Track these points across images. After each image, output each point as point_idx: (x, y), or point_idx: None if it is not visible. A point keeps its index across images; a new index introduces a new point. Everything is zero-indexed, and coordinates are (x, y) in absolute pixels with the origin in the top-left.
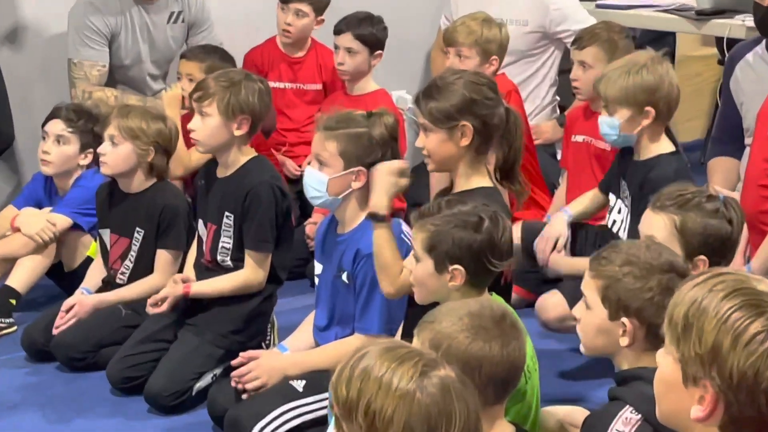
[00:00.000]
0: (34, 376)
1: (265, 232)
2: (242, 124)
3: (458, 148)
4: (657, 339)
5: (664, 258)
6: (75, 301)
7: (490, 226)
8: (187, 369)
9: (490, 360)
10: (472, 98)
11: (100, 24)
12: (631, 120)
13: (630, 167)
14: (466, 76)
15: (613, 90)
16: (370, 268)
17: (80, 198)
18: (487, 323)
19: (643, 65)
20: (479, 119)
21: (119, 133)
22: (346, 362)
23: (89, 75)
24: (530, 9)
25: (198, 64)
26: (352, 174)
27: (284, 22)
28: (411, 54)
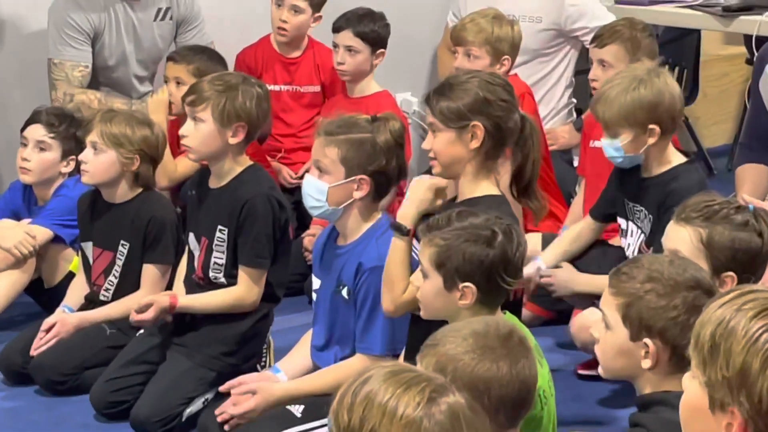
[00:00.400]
0: (12, 400)
1: (262, 247)
2: (238, 132)
3: (467, 150)
4: (682, 361)
5: (690, 274)
6: (56, 320)
7: (503, 241)
8: (176, 393)
9: (499, 381)
10: (486, 98)
11: (82, 21)
12: (636, 140)
13: (639, 186)
14: (481, 76)
15: (611, 112)
16: (373, 284)
17: (61, 208)
18: (493, 342)
19: (640, 81)
20: (492, 121)
21: (102, 139)
22: (348, 387)
23: (71, 76)
24: (544, 5)
25: (185, 66)
26: (354, 182)
27: (279, 19)
28: (416, 53)
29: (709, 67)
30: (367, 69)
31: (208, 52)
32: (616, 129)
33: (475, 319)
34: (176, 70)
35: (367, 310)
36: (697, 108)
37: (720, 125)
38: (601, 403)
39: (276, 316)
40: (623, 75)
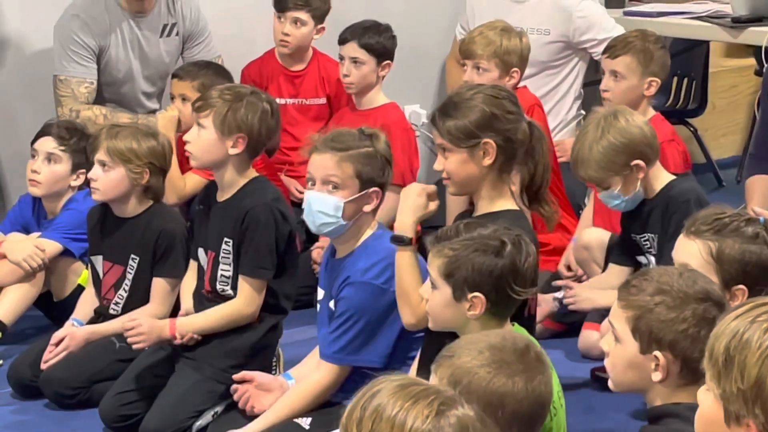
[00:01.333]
0: (22, 414)
1: (263, 257)
2: (238, 143)
3: (481, 167)
4: (692, 374)
5: (699, 286)
6: (65, 334)
7: (512, 251)
8: (185, 406)
9: (514, 396)
10: (493, 113)
11: (87, 38)
12: (627, 182)
13: (636, 217)
14: (485, 90)
15: (591, 170)
16: (355, 299)
17: (71, 222)
18: (510, 357)
19: (602, 130)
20: (502, 135)
21: (109, 156)
22: (357, 400)
23: (77, 92)
24: (552, 17)
25: (190, 82)
26: (367, 195)
27: (281, 32)
28: (424, 66)
29: (717, 79)
30: (373, 81)
31: (214, 66)
32: (606, 182)
33: (492, 332)
34: (181, 87)
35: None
36: (705, 120)
37: (729, 137)
38: (611, 415)
39: (285, 328)
40: (585, 132)
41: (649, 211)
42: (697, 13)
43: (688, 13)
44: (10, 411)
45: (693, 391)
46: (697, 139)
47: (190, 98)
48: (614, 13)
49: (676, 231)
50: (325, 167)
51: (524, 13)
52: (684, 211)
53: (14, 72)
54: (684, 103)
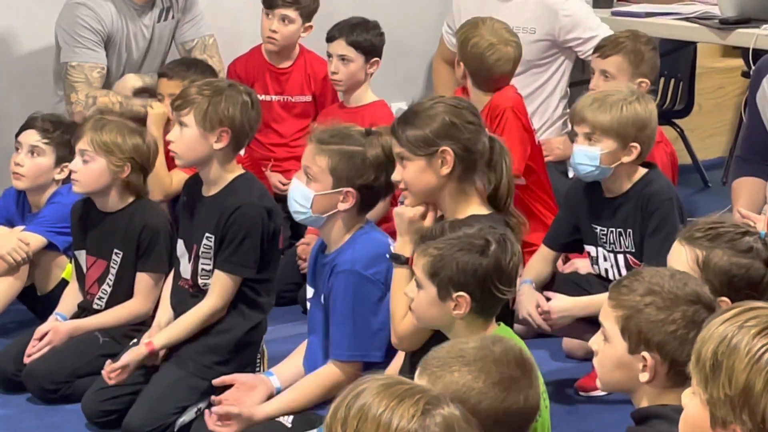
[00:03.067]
0: (4, 408)
1: (244, 255)
2: (222, 137)
3: (438, 177)
4: (680, 376)
5: (690, 288)
6: (48, 328)
7: (497, 250)
8: (168, 402)
9: (523, 411)
10: (452, 122)
11: (95, 24)
12: (614, 154)
13: (606, 208)
14: (446, 101)
15: (604, 118)
16: (342, 287)
17: (55, 215)
18: (515, 371)
19: (635, 99)
20: (461, 144)
21: (92, 147)
22: (341, 400)
23: (90, 78)
24: (538, 16)
25: (180, 82)
26: (340, 194)
27: (269, 29)
28: (411, 64)
29: (704, 80)
30: (362, 78)
31: (201, 65)
32: (601, 137)
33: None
34: (170, 87)
35: (336, 313)
36: (692, 120)
37: (715, 138)
38: (595, 415)
39: (270, 325)
40: (616, 89)
41: (619, 204)
42: (685, 14)
43: (676, 14)
44: None
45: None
46: (684, 139)
47: None
48: (602, 13)
49: (656, 229)
50: (306, 157)
51: (510, 11)
52: (666, 210)
53: (1, 65)
54: (671, 104)
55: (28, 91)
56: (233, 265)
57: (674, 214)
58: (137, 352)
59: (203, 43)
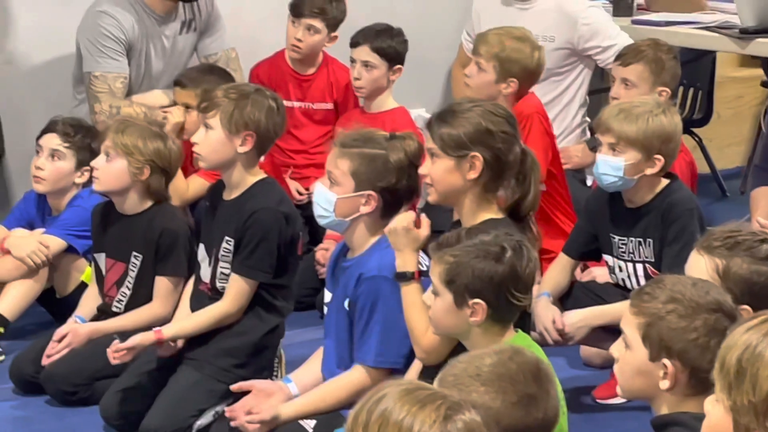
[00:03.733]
0: (23, 409)
1: (261, 260)
2: (246, 141)
3: (464, 180)
4: (700, 384)
5: (712, 296)
6: (68, 330)
7: (512, 257)
8: (186, 405)
9: (543, 422)
10: (488, 128)
11: (118, 33)
12: (638, 165)
13: (629, 218)
14: (485, 105)
15: (631, 129)
16: (371, 294)
17: (75, 219)
18: (533, 387)
19: (662, 111)
20: (492, 152)
21: (113, 147)
22: (362, 405)
23: (113, 88)
24: (557, 24)
25: (193, 91)
26: (362, 197)
27: (294, 37)
28: (431, 71)
29: (723, 89)
30: (384, 85)
31: (217, 72)
32: (626, 148)
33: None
34: (184, 96)
35: (364, 320)
36: (710, 129)
37: (733, 147)
38: (614, 424)
39: (287, 329)
40: (643, 100)
41: (641, 215)
42: (705, 23)
43: (696, 22)
44: (11, 406)
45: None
46: (702, 149)
47: (193, 107)
48: (622, 22)
49: (675, 238)
50: (329, 160)
51: (529, 19)
52: (686, 219)
53: (24, 69)
54: (689, 113)
55: (49, 96)
56: (248, 268)
57: (694, 224)
58: (145, 337)
59: (226, 56)
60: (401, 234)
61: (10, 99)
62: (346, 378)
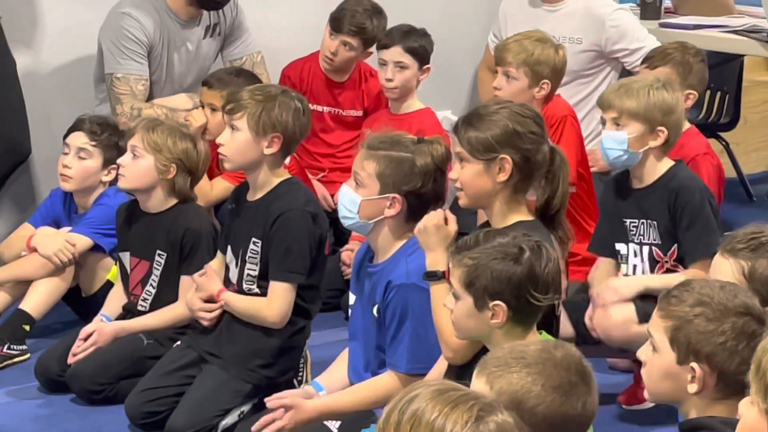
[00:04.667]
0: (48, 408)
1: (293, 262)
2: (273, 143)
3: (494, 183)
4: (729, 388)
5: (740, 300)
6: (93, 329)
7: (530, 257)
8: (212, 405)
9: (580, 418)
10: (515, 130)
11: (140, 35)
12: (641, 138)
13: (635, 198)
14: (511, 107)
15: (631, 102)
16: (401, 301)
17: (101, 217)
18: (575, 378)
19: (661, 85)
20: (520, 154)
21: (142, 144)
22: (394, 405)
23: (135, 90)
24: (585, 26)
25: (219, 92)
26: (387, 200)
27: (329, 50)
28: (457, 73)
29: (750, 93)
30: (413, 85)
31: (244, 74)
32: (628, 120)
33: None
34: (210, 96)
35: (394, 326)
36: (737, 134)
37: (761, 152)
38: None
39: (313, 330)
40: (640, 77)
41: (646, 195)
42: (733, 27)
43: (724, 26)
44: (36, 405)
45: (729, 404)
46: (729, 153)
47: (218, 108)
48: (650, 24)
49: (691, 223)
50: (356, 162)
51: (557, 21)
52: (697, 202)
53: (50, 68)
54: (716, 117)
55: (74, 95)
56: (283, 272)
57: (706, 204)
58: None
59: (251, 60)
60: (432, 232)
61: (36, 98)
62: (378, 382)
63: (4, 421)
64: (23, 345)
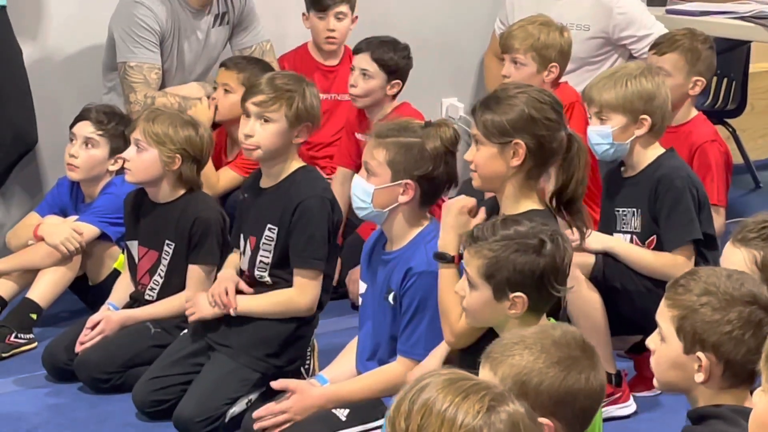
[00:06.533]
0: (56, 397)
1: (316, 248)
2: (302, 132)
3: (507, 167)
4: (735, 377)
5: (747, 288)
6: (101, 317)
7: (552, 248)
8: (220, 393)
9: (585, 392)
10: (531, 116)
11: (153, 24)
12: (625, 129)
13: (625, 187)
14: (530, 92)
15: (609, 95)
16: (420, 288)
17: (108, 206)
18: (576, 352)
19: (640, 73)
20: (535, 140)
21: (144, 137)
22: (405, 394)
23: (149, 78)
24: (592, 13)
25: (236, 74)
26: (400, 186)
27: (326, 30)
28: (463, 60)
29: (757, 80)
30: (380, 97)
31: (262, 64)
32: (609, 114)
33: (547, 327)
34: (227, 77)
35: (410, 313)
36: (744, 120)
37: (767, 138)
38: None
39: (320, 319)
40: (619, 67)
41: (634, 184)
42: (740, 13)
43: (731, 12)
44: (44, 393)
45: (736, 393)
46: (736, 139)
47: (233, 90)
48: (657, 11)
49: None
50: (366, 152)
51: (564, 8)
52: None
53: (56, 57)
54: (723, 104)
55: (81, 83)
56: (305, 259)
57: (686, 193)
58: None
59: (261, 49)
60: (453, 213)
61: (42, 87)
62: (387, 370)
63: (11, 409)
64: (30, 334)
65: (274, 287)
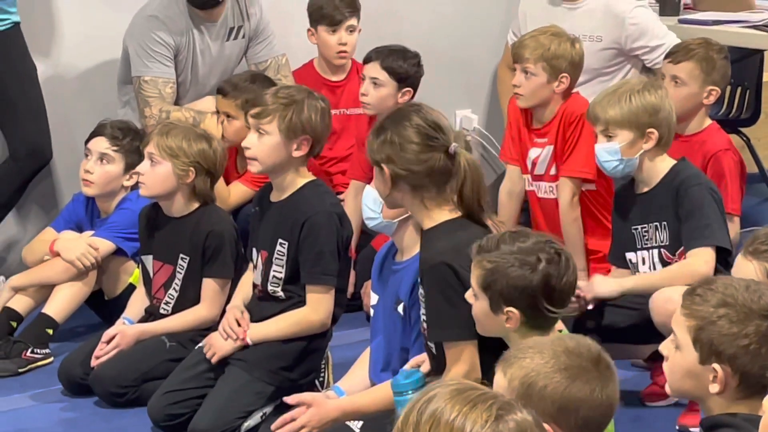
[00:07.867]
0: (71, 411)
1: (326, 264)
2: (302, 145)
3: (395, 193)
4: (750, 388)
5: (765, 301)
6: (116, 332)
7: (546, 267)
8: (234, 407)
9: (590, 403)
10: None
11: (167, 38)
12: (633, 143)
13: (641, 203)
14: None
15: (614, 111)
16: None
17: (124, 221)
18: (587, 363)
19: (642, 87)
20: (399, 165)
21: (158, 151)
22: (413, 405)
23: (164, 93)
24: (605, 24)
25: (233, 101)
26: None
27: (338, 44)
28: (476, 71)
29: None
30: (391, 105)
31: (259, 80)
32: (616, 130)
33: (565, 337)
34: (225, 105)
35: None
36: (758, 129)
37: None
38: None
39: (335, 331)
40: (622, 83)
41: (652, 196)
42: (753, 22)
43: (743, 21)
44: (60, 408)
45: (751, 403)
46: (750, 148)
47: (234, 116)
48: (669, 21)
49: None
50: None
51: (577, 19)
52: (697, 194)
53: (70, 71)
54: (737, 112)
55: (95, 99)
56: (316, 275)
57: (707, 197)
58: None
59: (276, 62)
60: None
61: (57, 103)
62: None
63: (28, 424)
64: (46, 349)
65: (287, 302)
